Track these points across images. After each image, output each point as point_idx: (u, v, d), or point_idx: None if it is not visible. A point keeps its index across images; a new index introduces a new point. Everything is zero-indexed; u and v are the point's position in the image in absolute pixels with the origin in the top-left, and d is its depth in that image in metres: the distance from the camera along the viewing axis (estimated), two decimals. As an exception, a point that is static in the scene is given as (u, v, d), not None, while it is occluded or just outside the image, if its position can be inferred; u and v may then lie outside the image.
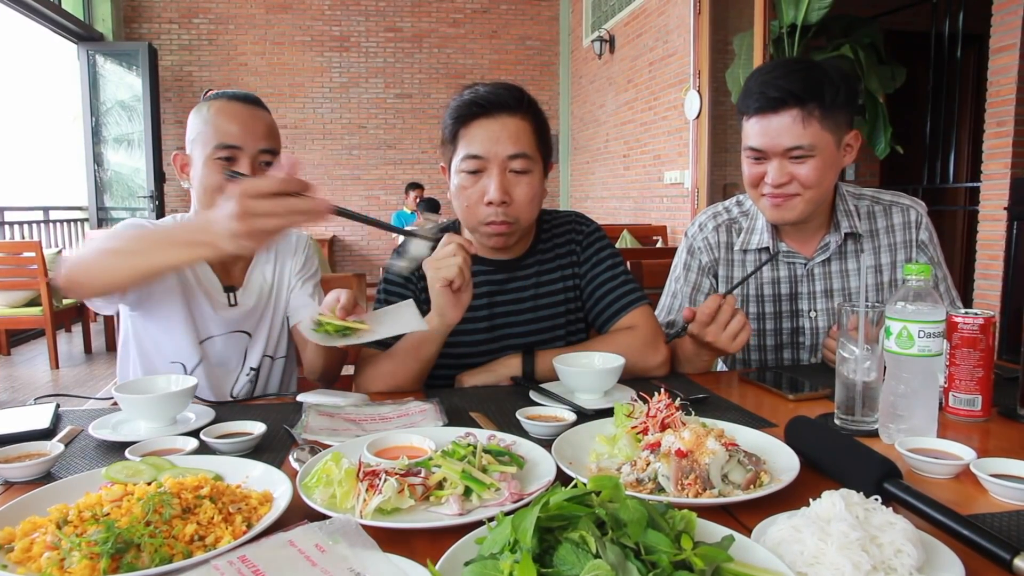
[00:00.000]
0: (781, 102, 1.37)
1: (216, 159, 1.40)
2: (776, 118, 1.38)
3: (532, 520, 0.59)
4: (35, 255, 4.85)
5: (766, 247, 1.58)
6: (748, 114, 1.43)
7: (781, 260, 1.59)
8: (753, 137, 1.43)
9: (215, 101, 1.45)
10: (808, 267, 1.58)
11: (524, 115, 1.40)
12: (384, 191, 9.13)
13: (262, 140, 1.43)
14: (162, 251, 1.11)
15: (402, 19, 8.95)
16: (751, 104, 1.42)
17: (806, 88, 1.36)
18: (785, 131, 1.38)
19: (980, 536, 0.68)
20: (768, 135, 1.40)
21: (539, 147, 1.43)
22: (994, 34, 3.71)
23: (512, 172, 1.39)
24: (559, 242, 1.57)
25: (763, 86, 1.39)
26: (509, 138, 1.37)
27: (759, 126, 1.41)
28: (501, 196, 1.36)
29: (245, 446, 1.04)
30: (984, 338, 1.12)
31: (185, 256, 1.11)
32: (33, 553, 0.70)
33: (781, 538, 0.68)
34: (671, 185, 6.17)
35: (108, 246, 1.19)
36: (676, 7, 5.90)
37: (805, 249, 1.58)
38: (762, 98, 1.39)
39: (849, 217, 1.55)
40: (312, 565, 0.66)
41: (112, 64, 8.00)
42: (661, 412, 0.97)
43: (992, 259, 3.74)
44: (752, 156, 1.46)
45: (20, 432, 1.11)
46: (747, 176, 1.49)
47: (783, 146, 1.40)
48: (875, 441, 1.07)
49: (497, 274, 1.53)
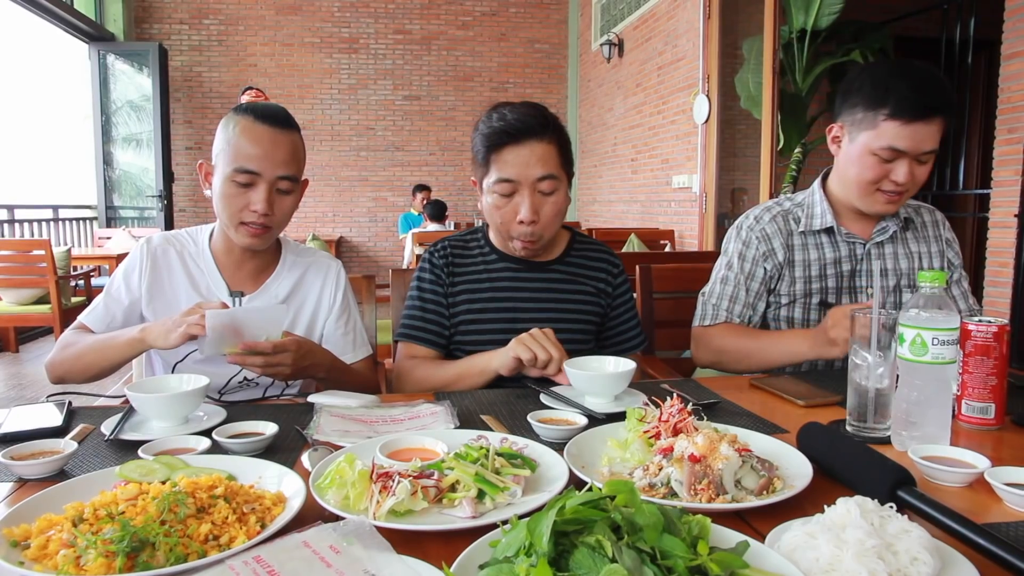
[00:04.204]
0: (935, 111, 1.47)
1: (233, 181, 1.42)
2: (926, 126, 1.48)
3: (548, 524, 0.59)
4: (44, 253, 4.87)
5: (829, 227, 1.69)
6: (899, 118, 1.48)
7: (842, 240, 1.71)
8: (900, 139, 1.49)
9: (243, 118, 1.44)
10: (867, 247, 1.70)
11: (550, 138, 1.50)
12: (391, 192, 9.15)
13: (281, 167, 1.44)
14: (113, 350, 1.38)
15: (411, 21, 8.97)
16: (905, 108, 1.47)
17: (950, 102, 1.49)
18: (930, 137, 1.49)
19: (997, 546, 0.67)
20: (916, 139, 1.49)
21: (563, 166, 1.54)
22: (1005, 40, 3.70)
23: (540, 193, 1.50)
24: (592, 265, 1.68)
25: (918, 93, 1.47)
26: (538, 162, 1.48)
27: (908, 129, 1.48)
28: (532, 216, 1.49)
29: (257, 446, 1.05)
30: (998, 346, 1.12)
31: (128, 351, 1.38)
32: (49, 550, 0.71)
33: (796, 544, 0.68)
34: (679, 189, 6.16)
35: (72, 354, 1.43)
36: (685, 11, 5.90)
37: (863, 232, 1.71)
38: (919, 106, 1.47)
39: (904, 206, 1.71)
40: (327, 566, 0.66)
41: (122, 64, 8.04)
42: (674, 417, 0.97)
43: (1002, 266, 3.72)
44: (886, 156, 1.52)
45: (33, 430, 1.12)
46: (869, 175, 1.55)
47: (923, 149, 1.50)
48: (887, 448, 1.06)
49: (523, 272, 1.62)
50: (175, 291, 1.52)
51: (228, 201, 1.44)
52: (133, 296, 1.52)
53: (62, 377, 1.46)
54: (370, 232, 9.19)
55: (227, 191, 1.43)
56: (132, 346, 1.37)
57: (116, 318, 1.51)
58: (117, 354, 1.39)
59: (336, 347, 1.61)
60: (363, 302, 1.93)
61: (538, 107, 1.53)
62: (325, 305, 1.62)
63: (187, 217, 8.63)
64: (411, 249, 6.48)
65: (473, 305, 1.59)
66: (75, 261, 5.75)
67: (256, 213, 1.43)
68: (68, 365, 1.44)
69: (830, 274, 1.71)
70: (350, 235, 9.16)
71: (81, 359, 1.42)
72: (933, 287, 1.05)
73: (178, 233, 1.59)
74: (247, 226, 1.45)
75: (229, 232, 1.49)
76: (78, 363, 1.43)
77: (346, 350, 1.62)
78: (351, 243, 9.18)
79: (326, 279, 1.63)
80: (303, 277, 1.61)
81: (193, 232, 1.59)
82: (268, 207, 1.43)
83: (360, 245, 9.21)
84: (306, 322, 1.60)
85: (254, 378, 1.54)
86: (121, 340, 1.37)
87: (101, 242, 7.11)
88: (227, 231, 1.50)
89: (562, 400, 1.27)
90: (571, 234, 1.72)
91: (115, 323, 1.50)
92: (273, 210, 1.45)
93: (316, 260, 1.64)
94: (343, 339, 1.62)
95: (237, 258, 1.55)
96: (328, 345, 1.62)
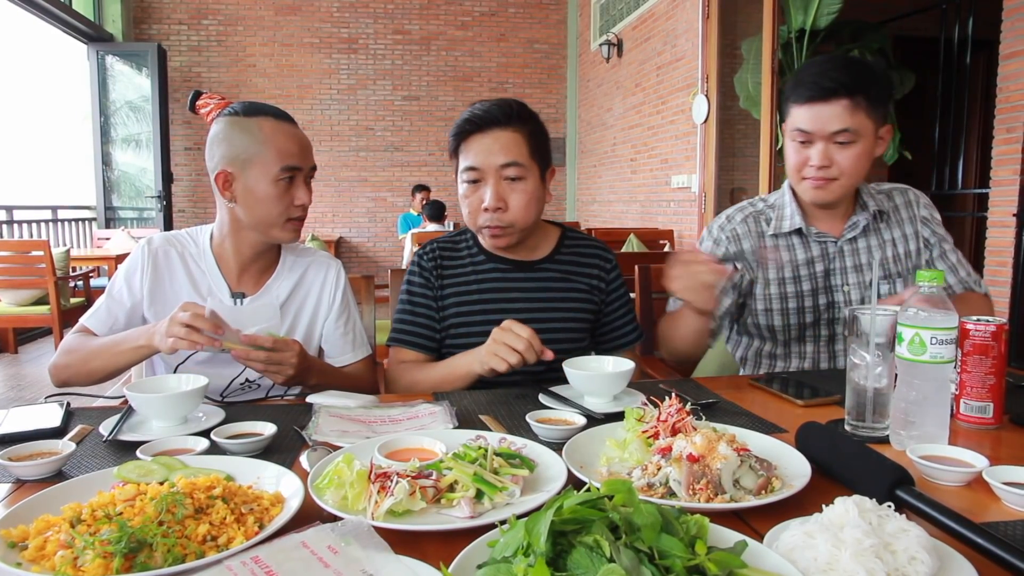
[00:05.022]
0: (833, 92, 1.50)
1: (280, 180, 1.46)
2: (827, 106, 1.51)
3: (546, 524, 0.59)
4: (43, 254, 4.86)
5: (798, 228, 1.69)
6: (800, 101, 1.55)
7: (813, 240, 1.70)
8: (803, 121, 1.54)
9: (264, 120, 1.45)
10: (839, 245, 1.69)
11: (516, 127, 1.50)
12: (391, 193, 9.15)
13: (311, 158, 1.54)
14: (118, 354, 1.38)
15: (410, 22, 8.97)
16: (804, 92, 1.54)
17: (857, 81, 1.50)
18: (835, 116, 1.51)
19: (995, 545, 0.67)
20: (819, 119, 1.52)
21: (533, 156, 1.52)
22: (1004, 40, 3.70)
23: (507, 180, 1.50)
24: (584, 262, 1.66)
25: (817, 76, 1.52)
26: (501, 150, 1.49)
27: (811, 112, 1.53)
28: (496, 203, 1.49)
29: (256, 447, 1.05)
30: (996, 345, 1.12)
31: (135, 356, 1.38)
32: (47, 551, 0.71)
33: (794, 544, 0.68)
34: (678, 189, 6.16)
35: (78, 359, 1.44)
36: (684, 11, 5.90)
37: (834, 230, 1.70)
38: (815, 87, 1.52)
39: (872, 198, 1.70)
40: (325, 566, 0.66)
41: (121, 64, 8.04)
42: (672, 417, 0.97)
43: (1001, 266, 3.72)
44: (799, 139, 1.57)
45: (31, 431, 1.12)
46: (792, 161, 1.62)
47: (830, 130, 1.52)
48: (886, 447, 1.06)
49: (512, 272, 1.60)
50: (176, 292, 1.52)
51: (277, 201, 1.46)
52: (135, 298, 1.51)
53: (67, 381, 1.46)
54: (369, 232, 9.19)
55: (274, 191, 1.46)
56: (139, 352, 1.37)
57: (118, 320, 1.50)
58: (124, 360, 1.40)
59: (336, 347, 1.62)
60: (362, 302, 1.92)
61: (509, 100, 1.54)
62: (325, 305, 1.62)
63: (186, 218, 8.62)
64: (410, 249, 6.49)
65: (462, 308, 1.58)
66: (74, 262, 5.75)
67: (301, 207, 1.50)
68: (74, 370, 1.44)
69: (803, 275, 1.69)
70: (349, 235, 9.15)
71: (87, 364, 1.42)
72: (932, 286, 1.05)
73: (178, 234, 1.59)
74: (293, 221, 1.50)
75: (272, 232, 1.50)
76: (84, 368, 1.43)
77: (345, 350, 1.62)
78: (350, 243, 9.18)
79: (326, 279, 1.63)
80: (303, 277, 1.61)
81: (193, 233, 1.59)
82: (310, 198, 1.52)
83: (359, 245, 9.21)
84: (306, 322, 1.60)
85: (256, 379, 1.54)
86: (127, 347, 1.37)
87: (100, 243, 7.11)
88: (267, 232, 1.50)
89: (561, 400, 1.27)
90: (561, 231, 1.69)
91: (117, 325, 1.50)
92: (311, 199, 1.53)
93: (316, 260, 1.64)
94: (343, 339, 1.62)
95: (239, 259, 1.55)
96: (327, 345, 1.62)
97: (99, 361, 1.41)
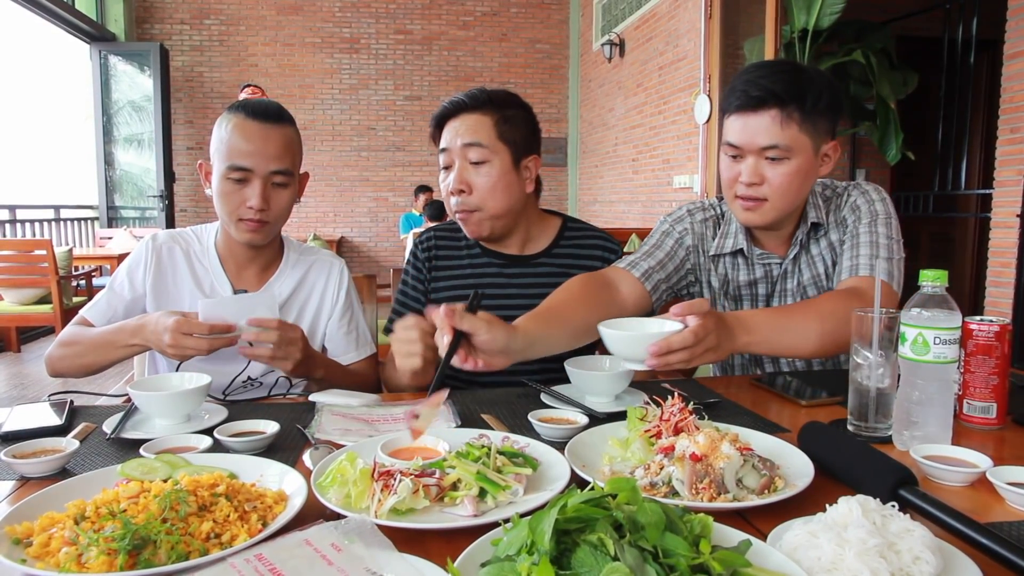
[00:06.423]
0: (762, 101, 1.35)
1: (228, 178, 1.45)
2: (755, 117, 1.37)
3: (550, 522, 0.59)
4: (46, 253, 4.87)
5: (740, 249, 1.55)
6: (729, 111, 1.42)
7: (757, 262, 1.56)
8: (731, 133, 1.41)
9: (235, 115, 1.46)
10: (783, 266, 1.55)
11: (483, 111, 1.51)
12: (392, 193, 9.15)
13: (274, 162, 1.45)
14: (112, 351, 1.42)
15: (412, 22, 8.97)
16: (732, 101, 1.40)
17: (788, 90, 1.35)
18: (763, 130, 1.36)
19: (999, 545, 0.67)
20: (746, 132, 1.38)
21: (501, 139, 1.51)
22: (1008, 40, 3.69)
23: (472, 163, 1.50)
24: (586, 254, 1.63)
25: (746, 85, 1.37)
26: (466, 131, 1.50)
27: (739, 123, 1.39)
28: (458, 185, 1.50)
29: (259, 445, 1.05)
30: (1000, 345, 1.11)
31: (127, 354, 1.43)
32: (51, 548, 0.71)
33: (798, 543, 0.68)
34: (680, 189, 6.16)
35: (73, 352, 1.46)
36: (687, 11, 5.89)
37: (780, 249, 1.56)
38: (744, 96, 1.37)
39: (816, 208, 1.52)
40: (328, 564, 0.66)
41: (124, 64, 8.05)
42: (675, 416, 0.97)
43: (1004, 266, 3.72)
44: (729, 153, 1.43)
45: (35, 428, 1.12)
46: (723, 176, 1.46)
47: (759, 144, 1.37)
48: (889, 447, 1.06)
49: (508, 268, 1.60)
50: (179, 289, 1.53)
51: (225, 198, 1.46)
52: (136, 292, 1.52)
53: (61, 372, 1.50)
54: (371, 232, 9.20)
55: (223, 188, 1.45)
56: (130, 351, 1.42)
57: (117, 313, 1.52)
58: (116, 356, 1.44)
59: (339, 346, 1.62)
60: (364, 301, 1.92)
61: (485, 88, 1.55)
62: (328, 303, 1.62)
63: (188, 217, 8.64)
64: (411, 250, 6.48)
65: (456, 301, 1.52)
66: (76, 261, 5.75)
67: (252, 209, 1.45)
68: (68, 362, 1.47)
69: (745, 295, 1.58)
70: (351, 235, 9.16)
71: (81, 358, 1.46)
72: (935, 287, 1.04)
73: (183, 231, 1.60)
74: (244, 222, 1.47)
75: (229, 229, 1.51)
76: (77, 361, 1.46)
77: (348, 349, 1.62)
78: (352, 243, 9.19)
79: (329, 277, 1.63)
80: (306, 275, 1.61)
81: (198, 231, 1.60)
82: (263, 202, 1.45)
83: (361, 245, 9.22)
84: (309, 320, 1.60)
85: (258, 377, 1.54)
86: (120, 344, 1.40)
87: (102, 242, 7.12)
88: (227, 228, 1.52)
89: (563, 399, 1.27)
90: (562, 222, 1.65)
91: (116, 318, 1.50)
92: (269, 205, 1.46)
93: (319, 259, 1.64)
94: (346, 338, 1.63)
95: (241, 257, 1.56)
96: (331, 344, 1.62)
97: (92, 356, 1.45)
